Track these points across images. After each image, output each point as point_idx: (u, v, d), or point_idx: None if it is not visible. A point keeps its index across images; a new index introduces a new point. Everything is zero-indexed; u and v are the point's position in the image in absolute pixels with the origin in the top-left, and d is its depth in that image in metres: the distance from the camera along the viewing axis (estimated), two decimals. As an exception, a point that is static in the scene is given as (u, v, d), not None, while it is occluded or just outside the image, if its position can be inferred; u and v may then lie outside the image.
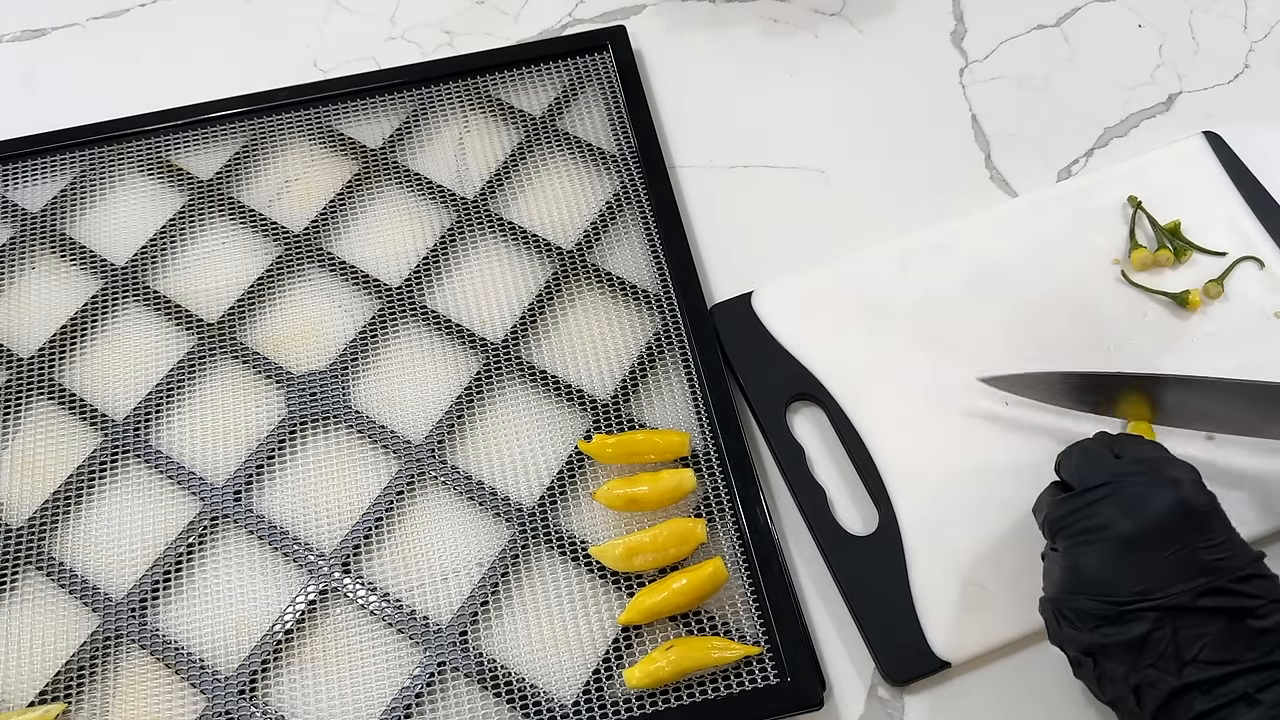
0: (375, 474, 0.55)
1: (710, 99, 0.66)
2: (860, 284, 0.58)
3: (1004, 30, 0.68)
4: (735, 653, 0.48)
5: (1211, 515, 0.42)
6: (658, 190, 0.61)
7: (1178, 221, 0.58)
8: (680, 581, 0.49)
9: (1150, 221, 0.59)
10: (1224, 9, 0.68)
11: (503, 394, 0.57)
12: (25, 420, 0.57)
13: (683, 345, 0.57)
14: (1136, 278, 0.57)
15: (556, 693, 0.49)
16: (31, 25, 0.72)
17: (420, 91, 0.66)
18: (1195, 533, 0.42)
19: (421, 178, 0.63)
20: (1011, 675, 0.49)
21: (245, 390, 0.57)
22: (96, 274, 0.61)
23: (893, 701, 0.49)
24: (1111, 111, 0.65)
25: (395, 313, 0.59)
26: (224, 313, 0.59)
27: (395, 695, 0.49)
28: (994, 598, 0.49)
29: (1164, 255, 0.57)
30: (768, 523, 0.51)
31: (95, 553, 0.53)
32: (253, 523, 0.53)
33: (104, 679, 0.50)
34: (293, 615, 0.51)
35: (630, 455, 0.53)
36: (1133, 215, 0.59)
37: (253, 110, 0.65)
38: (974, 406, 0.54)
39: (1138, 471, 0.44)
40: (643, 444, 0.53)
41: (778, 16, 0.70)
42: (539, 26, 0.70)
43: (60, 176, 0.64)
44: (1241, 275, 0.57)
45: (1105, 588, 0.42)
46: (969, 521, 0.51)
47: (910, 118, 0.65)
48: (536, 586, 0.52)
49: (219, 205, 0.63)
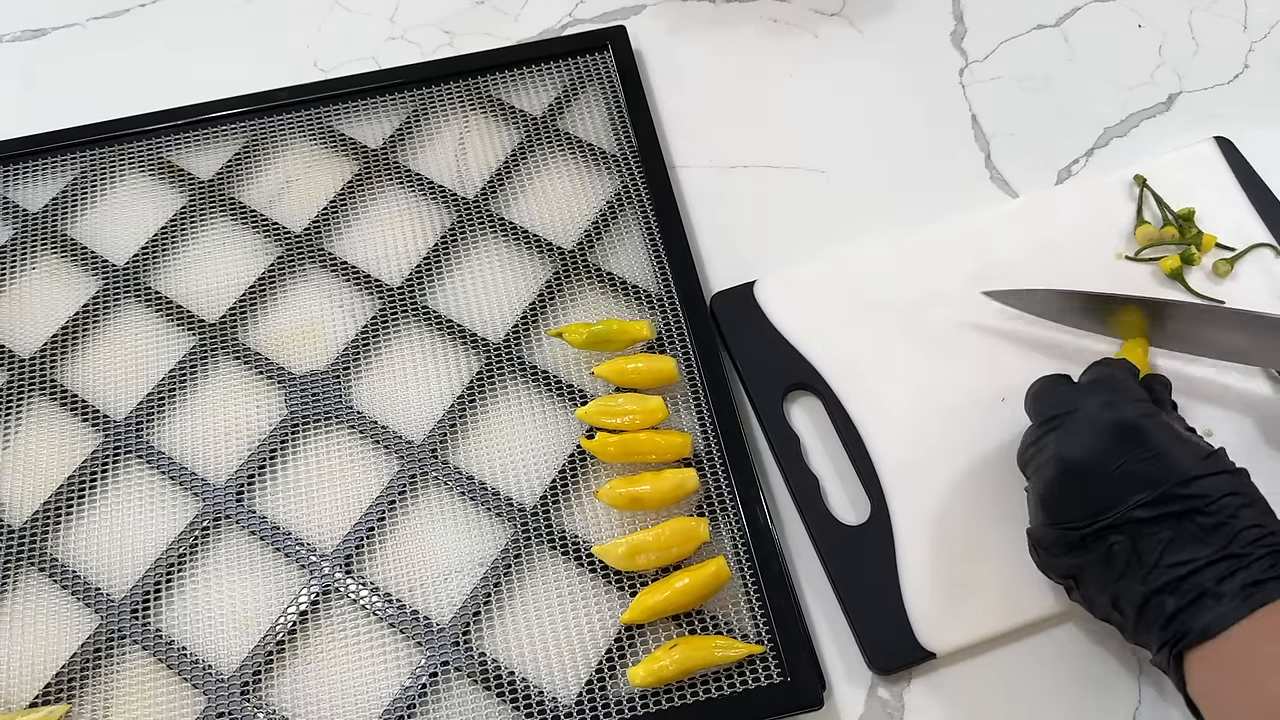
0: (375, 474, 0.55)
1: (710, 99, 0.66)
2: (863, 277, 0.58)
3: (1004, 30, 0.68)
4: (739, 652, 0.48)
5: (1147, 426, 0.44)
6: (658, 190, 0.61)
7: (1192, 209, 0.58)
8: (683, 581, 0.49)
9: (1157, 200, 0.59)
10: (1224, 9, 0.68)
11: (503, 394, 0.57)
12: (25, 420, 0.57)
13: (684, 345, 0.57)
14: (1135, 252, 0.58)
15: (557, 692, 0.49)
16: (31, 25, 0.72)
17: (420, 91, 0.66)
18: (1134, 446, 0.43)
19: (421, 178, 0.63)
20: (1012, 675, 0.49)
21: (245, 390, 0.57)
22: (96, 274, 0.61)
23: (893, 701, 0.49)
24: (1111, 111, 0.65)
25: (395, 313, 0.59)
26: (224, 312, 0.59)
27: (395, 695, 0.49)
28: (983, 590, 0.50)
29: (1169, 233, 0.58)
30: (768, 523, 0.51)
31: (95, 553, 0.53)
32: (253, 523, 0.53)
33: (104, 679, 0.50)
34: (293, 615, 0.51)
35: (632, 454, 0.53)
36: (1139, 194, 0.59)
37: (253, 110, 0.65)
38: (970, 401, 0.54)
39: (1081, 396, 0.46)
40: (645, 443, 0.53)
41: (778, 16, 0.70)
42: (539, 26, 0.70)
43: (60, 176, 0.64)
44: (1250, 268, 0.57)
45: (1064, 514, 0.44)
46: (960, 514, 0.52)
47: (910, 118, 0.65)
48: (537, 586, 0.52)
49: (219, 205, 0.63)
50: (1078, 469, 0.44)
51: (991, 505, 0.51)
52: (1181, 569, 0.41)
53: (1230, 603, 0.39)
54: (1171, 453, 0.43)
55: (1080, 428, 0.45)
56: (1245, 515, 0.41)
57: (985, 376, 0.55)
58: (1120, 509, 0.42)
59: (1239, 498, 0.42)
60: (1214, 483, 0.42)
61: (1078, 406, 0.46)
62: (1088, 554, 0.43)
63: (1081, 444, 0.44)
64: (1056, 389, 0.48)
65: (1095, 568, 0.43)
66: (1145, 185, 0.59)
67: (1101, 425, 0.44)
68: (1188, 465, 0.42)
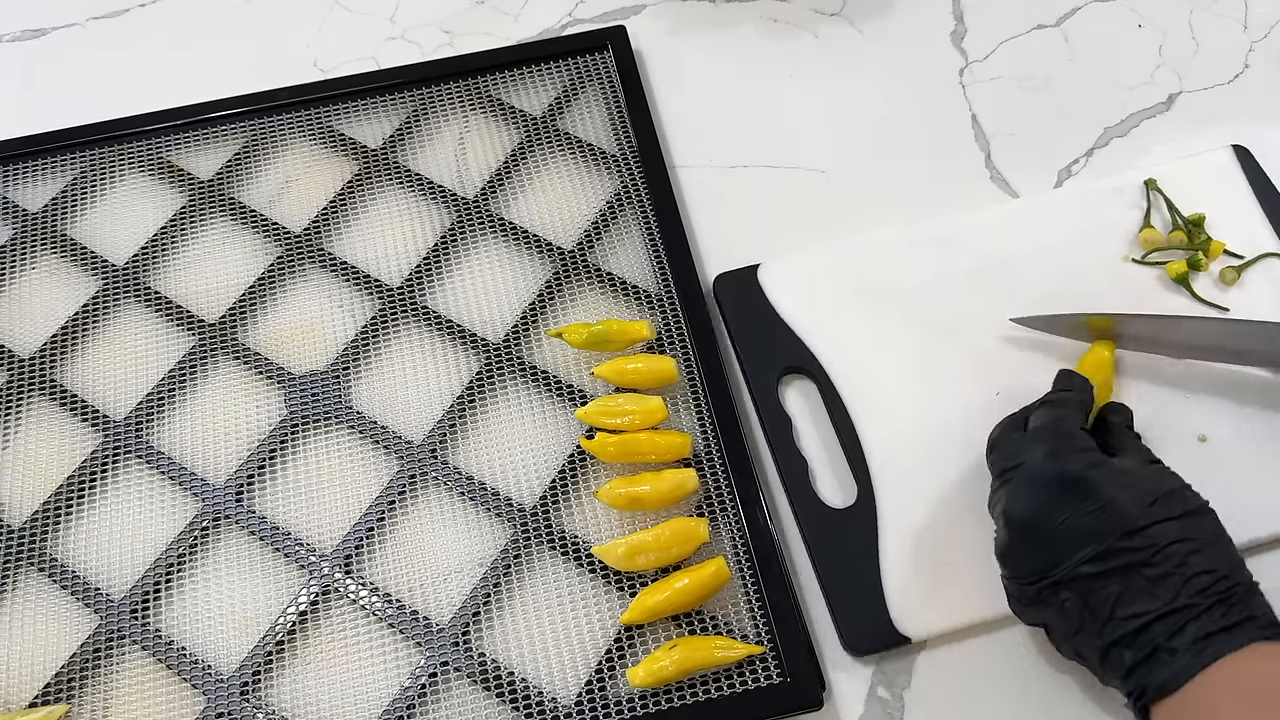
0: (375, 474, 0.55)
1: (710, 99, 0.66)
2: (865, 266, 0.59)
3: (1004, 30, 0.68)
4: (739, 652, 0.48)
5: (1092, 478, 0.43)
6: (658, 190, 0.61)
7: (1202, 215, 0.58)
8: (683, 581, 0.49)
9: (1168, 205, 0.59)
10: (1224, 9, 0.68)
11: (503, 394, 0.56)
12: (25, 420, 0.57)
13: (684, 345, 0.57)
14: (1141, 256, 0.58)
15: (557, 693, 0.49)
16: (31, 25, 0.72)
17: (420, 91, 0.66)
18: (1078, 499, 0.43)
19: (421, 178, 0.63)
20: (1013, 675, 0.49)
21: (245, 390, 0.57)
22: (96, 274, 0.61)
23: (893, 702, 0.49)
24: (1111, 111, 0.65)
25: (395, 313, 0.59)
26: (224, 313, 0.59)
27: (395, 695, 0.49)
28: (962, 579, 0.50)
29: (1176, 238, 0.58)
30: (767, 523, 0.51)
31: (95, 553, 0.53)
32: (253, 523, 0.53)
33: (104, 679, 0.50)
34: (292, 615, 0.51)
35: (632, 454, 0.53)
36: (1148, 197, 0.59)
37: (253, 110, 0.65)
38: (962, 391, 0.55)
39: (1024, 449, 0.46)
40: (645, 444, 0.53)
41: (778, 16, 0.70)
42: (539, 26, 0.70)
43: (60, 176, 0.64)
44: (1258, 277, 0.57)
45: (1015, 570, 0.44)
46: (945, 503, 0.52)
47: (910, 118, 0.65)
48: (537, 586, 0.52)
49: (219, 205, 0.63)
50: (1023, 525, 0.44)
51: (977, 497, 0.51)
52: (1134, 622, 0.40)
53: (1184, 658, 0.39)
54: (1117, 504, 0.42)
55: (1024, 483, 0.45)
56: (1194, 562, 0.40)
57: (980, 370, 0.55)
58: (1065, 565, 0.42)
59: (1188, 543, 0.41)
60: (1161, 530, 0.41)
61: (1023, 460, 0.45)
62: (1046, 608, 0.43)
63: (1025, 501, 0.44)
64: (1009, 439, 0.48)
65: (1055, 620, 0.43)
66: (1157, 189, 0.59)
67: (1044, 480, 0.44)
68: (1134, 515, 0.41)
